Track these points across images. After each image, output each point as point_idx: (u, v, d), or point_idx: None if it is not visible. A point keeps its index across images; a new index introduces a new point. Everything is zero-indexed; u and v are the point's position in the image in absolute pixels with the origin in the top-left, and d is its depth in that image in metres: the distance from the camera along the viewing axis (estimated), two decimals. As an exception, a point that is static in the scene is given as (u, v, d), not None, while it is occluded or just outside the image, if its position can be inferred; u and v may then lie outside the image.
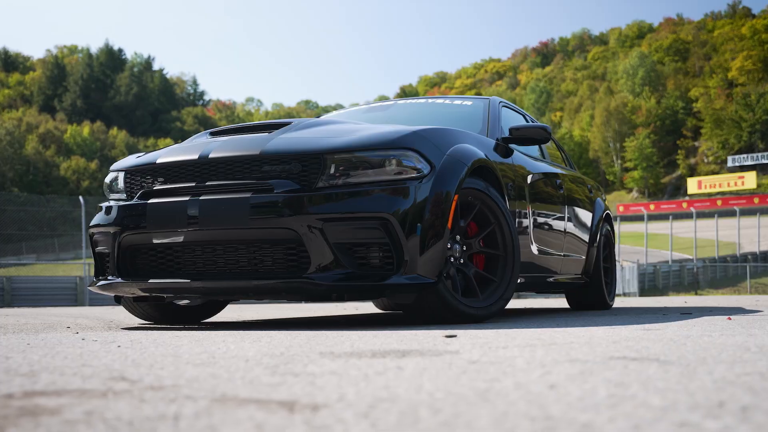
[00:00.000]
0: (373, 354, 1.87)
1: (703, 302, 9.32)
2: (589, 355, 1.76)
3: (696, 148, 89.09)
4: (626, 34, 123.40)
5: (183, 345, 2.33)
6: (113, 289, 3.76)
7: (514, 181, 4.37)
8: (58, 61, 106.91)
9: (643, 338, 2.32)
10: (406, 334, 2.75)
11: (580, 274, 5.80)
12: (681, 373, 1.37)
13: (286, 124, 3.81)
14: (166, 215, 3.50)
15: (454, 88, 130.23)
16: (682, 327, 2.95)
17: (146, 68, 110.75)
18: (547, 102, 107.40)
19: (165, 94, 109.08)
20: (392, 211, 3.30)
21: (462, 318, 3.57)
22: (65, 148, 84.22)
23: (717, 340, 2.20)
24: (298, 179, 3.39)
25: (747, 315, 4.38)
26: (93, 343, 2.52)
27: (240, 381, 1.34)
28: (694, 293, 28.41)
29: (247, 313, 6.40)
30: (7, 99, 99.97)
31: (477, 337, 2.46)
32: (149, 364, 1.65)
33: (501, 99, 5.26)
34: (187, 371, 1.51)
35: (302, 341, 2.43)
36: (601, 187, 6.91)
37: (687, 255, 37.39)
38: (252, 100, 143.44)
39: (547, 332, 2.71)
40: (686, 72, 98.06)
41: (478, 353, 1.85)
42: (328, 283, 3.29)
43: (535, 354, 1.80)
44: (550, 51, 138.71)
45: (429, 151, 3.52)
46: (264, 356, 1.85)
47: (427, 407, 1.01)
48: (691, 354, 1.75)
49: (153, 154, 3.88)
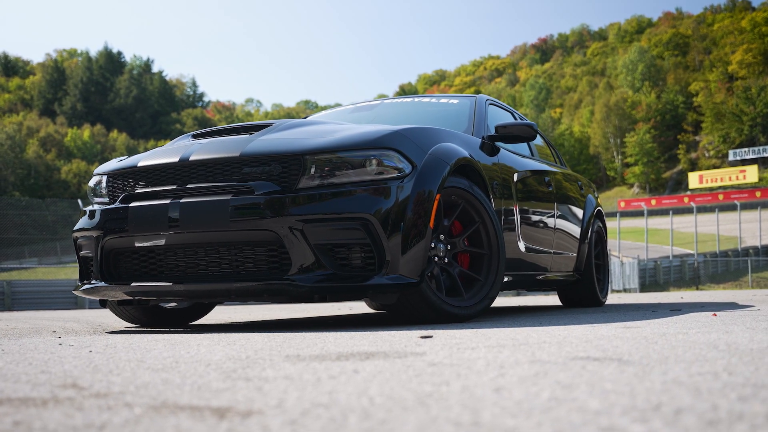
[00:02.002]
0: (338, 357, 1.85)
1: (699, 297, 9.31)
2: (554, 355, 1.74)
3: (697, 142, 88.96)
4: (625, 29, 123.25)
5: (155, 349, 2.32)
6: (97, 293, 3.76)
7: (501, 180, 4.35)
8: (57, 65, 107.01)
9: (618, 337, 2.30)
10: (383, 335, 2.73)
11: (571, 272, 5.78)
12: (635, 373, 1.35)
13: (267, 125, 3.79)
14: (148, 218, 3.49)
15: (454, 86, 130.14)
16: (663, 324, 2.94)
17: (145, 70, 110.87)
18: (547, 98, 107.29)
19: (164, 96, 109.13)
20: (373, 211, 3.28)
21: (446, 317, 3.56)
22: (66, 152, 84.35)
23: (691, 338, 2.19)
24: (279, 181, 3.37)
25: (735, 311, 4.36)
26: (68, 348, 2.51)
27: (189, 387, 1.32)
28: (695, 288, 28.39)
29: (240, 314, 6.39)
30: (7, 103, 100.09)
31: (452, 338, 2.44)
32: (108, 370, 1.64)
33: (488, 97, 5.24)
34: (143, 377, 1.49)
35: (276, 344, 2.42)
36: (592, 184, 6.88)
37: (688, 250, 37.37)
38: (251, 101, 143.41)
39: (524, 332, 2.70)
40: (686, 66, 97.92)
41: (443, 355, 1.83)
42: (310, 285, 3.28)
43: (499, 355, 1.79)
44: (549, 47, 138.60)
45: (410, 151, 3.51)
46: (228, 360, 1.83)
47: (359, 413, 1.00)
48: (657, 353, 1.73)
49: (135, 158, 3.87)
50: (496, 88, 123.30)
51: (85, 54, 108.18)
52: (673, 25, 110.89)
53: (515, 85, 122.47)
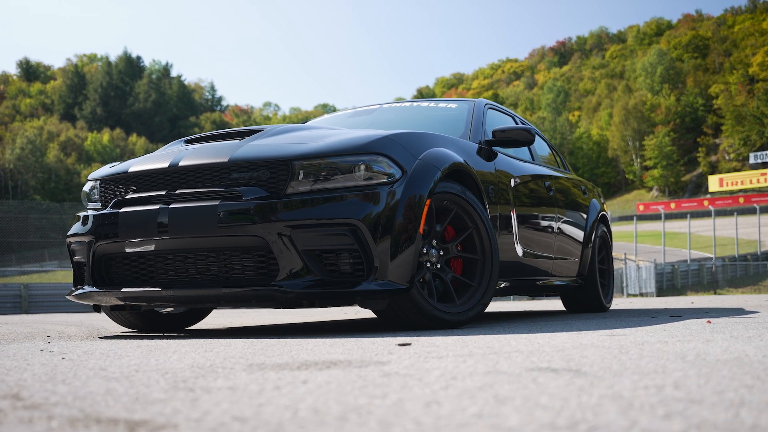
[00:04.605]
0: (300, 366, 1.84)
1: (710, 303, 9.19)
2: (516, 366, 1.71)
3: (717, 145, 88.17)
4: (644, 32, 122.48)
5: (127, 356, 2.31)
6: (89, 298, 3.77)
7: (496, 185, 4.32)
8: (78, 70, 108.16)
9: (595, 345, 2.27)
10: (364, 342, 2.71)
11: (574, 277, 5.73)
12: (581, 386, 1.32)
13: (258, 131, 3.79)
14: (138, 224, 3.50)
15: (471, 89, 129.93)
16: (649, 333, 2.89)
17: (164, 75, 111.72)
18: (565, 101, 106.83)
19: (183, 101, 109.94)
20: (361, 216, 3.26)
21: (437, 323, 3.53)
22: (86, 156, 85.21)
23: (667, 347, 2.15)
24: (267, 186, 3.37)
25: (734, 317, 4.29)
26: (46, 355, 2.51)
27: (126, 398, 1.31)
28: (713, 292, 28.09)
29: (243, 318, 6.39)
30: (28, 108, 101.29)
31: (430, 345, 2.42)
32: (61, 380, 1.63)
33: (488, 101, 5.21)
34: (90, 387, 1.48)
35: (252, 351, 2.41)
36: (597, 189, 6.82)
37: (707, 254, 37.00)
38: (269, 104, 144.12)
39: (506, 339, 2.66)
40: (706, 68, 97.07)
41: (406, 365, 1.81)
42: (298, 290, 3.26)
43: (461, 365, 1.76)
44: (568, 50, 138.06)
45: (400, 156, 3.49)
46: (189, 368, 1.82)
47: (272, 428, 0.98)
48: (619, 364, 1.70)
49: (127, 163, 3.88)
50: (513, 91, 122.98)
51: (105, 59, 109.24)
52: (693, 27, 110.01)
53: (533, 88, 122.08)
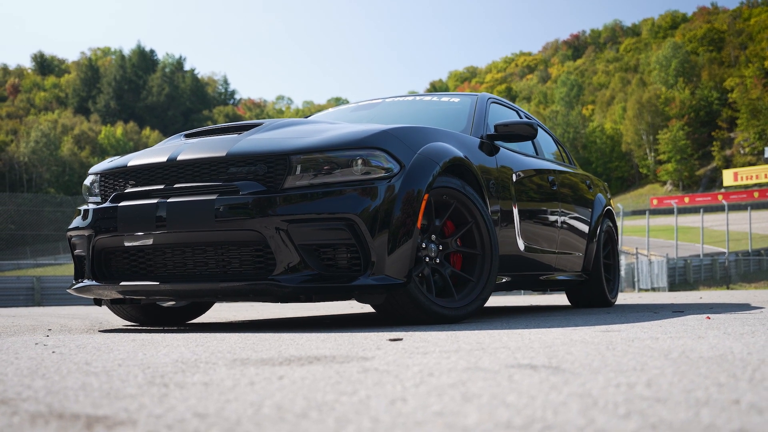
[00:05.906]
0: (282, 361, 1.84)
1: (720, 297, 9.13)
2: (497, 362, 1.71)
3: (732, 139, 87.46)
4: (659, 25, 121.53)
5: (116, 351, 2.32)
6: (89, 291, 3.79)
7: (498, 179, 4.30)
8: (91, 63, 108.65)
9: (584, 341, 2.25)
10: (356, 336, 2.71)
11: (579, 271, 5.71)
12: (554, 384, 1.31)
13: (257, 125, 3.79)
14: (136, 218, 3.51)
15: (485, 82, 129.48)
16: (644, 328, 2.87)
17: (178, 68, 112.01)
18: (579, 95, 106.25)
19: (196, 94, 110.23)
20: (359, 211, 3.25)
21: (436, 318, 3.52)
22: (100, 149, 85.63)
23: (656, 344, 2.13)
24: (264, 181, 3.37)
25: (737, 313, 4.26)
26: (39, 348, 2.52)
27: (97, 393, 1.31)
28: (725, 287, 27.91)
29: (248, 312, 6.41)
30: (43, 101, 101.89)
31: (420, 341, 2.41)
32: (42, 374, 1.64)
33: (491, 95, 5.18)
34: (67, 382, 1.49)
35: (242, 345, 2.41)
36: (603, 183, 6.78)
37: (720, 248, 36.75)
38: (282, 98, 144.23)
39: (498, 335, 2.65)
40: (721, 62, 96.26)
41: (388, 360, 1.80)
42: (294, 285, 3.27)
43: (443, 361, 1.75)
44: (582, 43, 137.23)
45: (398, 150, 3.48)
46: (172, 363, 1.83)
47: (228, 425, 0.98)
48: (601, 361, 1.68)
49: (126, 157, 3.90)
50: (527, 84, 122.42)
51: (119, 52, 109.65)
52: (708, 20, 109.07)
53: (547, 81, 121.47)
